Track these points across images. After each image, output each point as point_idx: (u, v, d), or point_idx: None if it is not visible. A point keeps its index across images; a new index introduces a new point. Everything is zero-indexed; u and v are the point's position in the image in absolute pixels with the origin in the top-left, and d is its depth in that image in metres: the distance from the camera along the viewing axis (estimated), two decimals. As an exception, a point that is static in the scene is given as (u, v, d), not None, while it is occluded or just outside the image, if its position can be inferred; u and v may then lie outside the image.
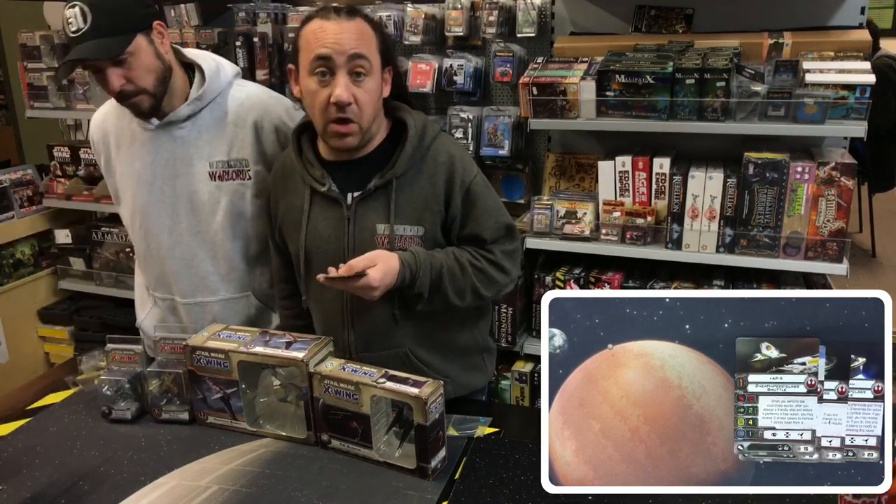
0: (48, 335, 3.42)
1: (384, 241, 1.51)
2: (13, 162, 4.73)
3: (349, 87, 1.42)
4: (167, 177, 1.73)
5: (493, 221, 1.56)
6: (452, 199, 1.53)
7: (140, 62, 1.57)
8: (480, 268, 1.54)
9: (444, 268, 1.50)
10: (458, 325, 1.64)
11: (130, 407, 1.56)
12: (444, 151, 1.54)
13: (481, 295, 1.56)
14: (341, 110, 1.42)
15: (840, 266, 2.18)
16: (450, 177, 1.52)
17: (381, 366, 1.44)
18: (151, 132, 1.71)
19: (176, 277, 1.79)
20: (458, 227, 1.55)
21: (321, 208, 1.55)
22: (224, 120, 1.73)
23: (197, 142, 1.71)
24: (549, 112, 2.35)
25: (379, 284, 1.41)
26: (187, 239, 1.76)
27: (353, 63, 1.42)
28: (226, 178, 1.73)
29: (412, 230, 1.51)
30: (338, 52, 1.40)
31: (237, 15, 2.89)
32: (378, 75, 1.47)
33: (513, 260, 1.60)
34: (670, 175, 2.29)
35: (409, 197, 1.51)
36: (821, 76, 2.10)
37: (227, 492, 1.30)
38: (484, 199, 1.55)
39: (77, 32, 1.53)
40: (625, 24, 2.55)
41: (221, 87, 1.73)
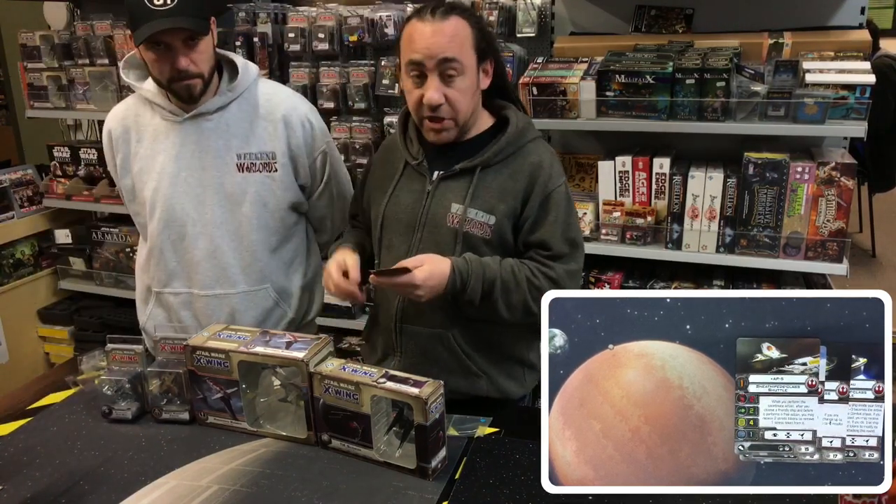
0: (48, 335, 3.42)
1: (455, 220, 1.55)
2: (13, 162, 4.72)
3: (440, 89, 1.47)
4: (194, 168, 1.76)
5: (562, 234, 1.56)
6: (530, 200, 1.55)
7: (206, 46, 1.66)
8: (537, 286, 1.53)
9: (498, 279, 1.51)
10: (506, 334, 1.64)
11: (131, 407, 1.55)
12: (537, 154, 1.58)
13: (533, 312, 1.52)
14: (433, 110, 1.49)
15: (840, 266, 2.18)
16: (533, 178, 1.55)
17: (421, 342, 1.55)
18: (178, 124, 1.75)
19: (197, 269, 1.81)
20: (527, 230, 1.56)
21: (409, 180, 1.62)
22: (253, 113, 1.78)
23: (225, 134, 1.76)
24: (549, 112, 2.35)
25: (422, 283, 1.44)
26: (212, 230, 1.78)
27: (443, 66, 1.46)
28: (253, 170, 1.77)
29: (483, 217, 1.54)
30: (428, 56, 1.46)
31: (237, 15, 2.89)
32: (473, 72, 1.51)
33: (574, 279, 1.59)
34: (670, 175, 2.29)
35: (488, 185, 1.55)
36: (821, 76, 2.10)
37: (227, 492, 1.30)
38: (560, 210, 1.56)
39: (164, 6, 1.57)
40: (625, 24, 2.55)
41: (249, 82, 1.79)
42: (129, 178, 1.83)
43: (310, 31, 2.73)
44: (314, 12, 2.75)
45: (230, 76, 1.79)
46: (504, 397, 1.67)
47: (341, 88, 2.74)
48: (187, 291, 1.84)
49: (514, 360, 1.68)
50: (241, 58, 1.82)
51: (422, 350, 1.61)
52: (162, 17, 1.57)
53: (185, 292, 1.84)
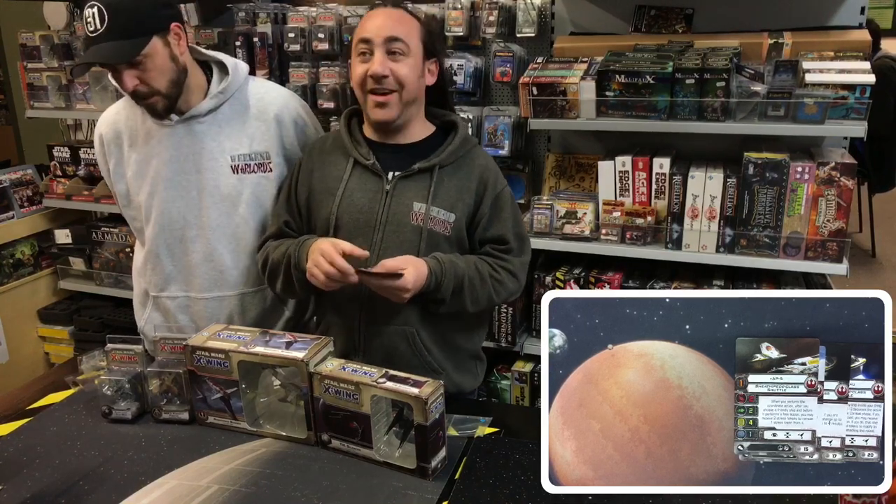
0: (48, 335, 3.42)
1: (418, 218, 1.59)
2: (13, 162, 4.72)
3: (385, 63, 1.53)
4: (188, 171, 1.75)
5: (513, 229, 1.66)
6: (484, 199, 1.63)
7: (154, 64, 1.60)
8: (498, 279, 1.62)
9: (466, 277, 1.57)
10: (462, 329, 1.71)
11: (130, 407, 1.56)
12: (482, 157, 1.69)
13: (494, 303, 1.67)
14: (378, 82, 1.53)
15: (840, 266, 2.18)
16: (484, 180, 1.64)
17: (384, 339, 1.55)
18: (170, 128, 1.74)
19: (195, 272, 1.80)
20: (483, 227, 1.64)
21: (360, 180, 1.63)
22: (245, 114, 1.77)
23: (218, 136, 1.75)
24: (549, 112, 2.35)
25: (412, 287, 1.47)
26: (208, 233, 1.77)
27: (390, 44, 1.54)
28: (248, 171, 1.76)
29: (445, 214, 1.60)
30: (376, 34, 1.54)
31: (237, 15, 2.89)
32: (418, 60, 1.58)
33: (525, 270, 1.71)
34: (670, 175, 2.29)
35: (446, 185, 1.61)
36: (821, 76, 2.10)
37: (227, 492, 1.30)
38: (508, 209, 1.67)
39: (94, 33, 1.55)
40: (625, 24, 2.55)
41: (240, 83, 1.77)
42: (123, 183, 1.82)
43: (310, 31, 2.73)
44: (314, 12, 2.75)
45: (220, 77, 1.77)
46: (458, 391, 1.71)
47: (341, 88, 2.74)
48: (185, 295, 1.83)
49: (468, 355, 1.75)
50: (230, 58, 1.79)
51: (385, 348, 1.62)
52: (94, 45, 1.56)
53: (182, 296, 1.84)
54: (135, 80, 1.60)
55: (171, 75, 1.64)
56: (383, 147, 1.64)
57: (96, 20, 1.54)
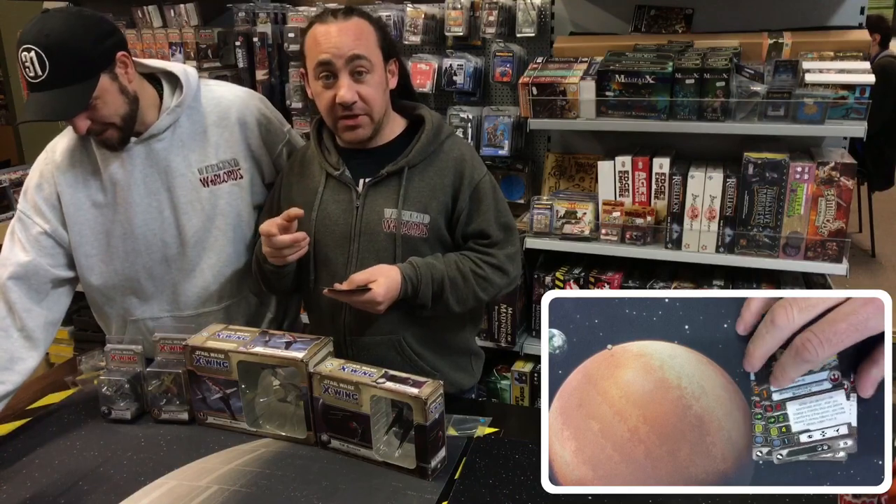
0: (48, 335, 3.41)
1: (391, 225, 1.55)
2: (13, 162, 4.73)
3: (352, 87, 1.47)
4: (157, 191, 1.65)
5: (496, 220, 1.60)
6: (461, 194, 1.58)
7: (104, 103, 1.50)
8: (483, 275, 1.57)
9: (446, 279, 1.53)
10: (451, 327, 1.68)
11: (130, 407, 1.56)
12: (457, 149, 1.61)
13: (481, 300, 1.61)
14: (347, 109, 1.48)
15: (840, 266, 2.18)
16: (459, 173, 1.58)
17: (373, 351, 1.53)
18: (127, 152, 1.62)
19: (178, 290, 1.73)
20: (463, 223, 1.59)
21: (333, 192, 1.60)
22: (204, 123, 1.68)
23: (181, 150, 1.65)
24: (548, 112, 2.35)
25: (383, 299, 1.45)
26: (188, 250, 1.70)
27: (353, 64, 1.47)
28: (218, 182, 1.69)
29: (418, 217, 1.55)
30: (337, 55, 1.46)
31: (237, 15, 2.89)
32: (381, 70, 1.52)
33: (514, 262, 1.64)
34: (670, 175, 2.29)
35: (418, 186, 1.56)
36: (820, 76, 2.10)
37: (227, 492, 1.30)
38: (489, 199, 1.60)
39: (35, 79, 1.43)
40: (625, 24, 2.55)
41: (194, 91, 1.67)
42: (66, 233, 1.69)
43: (309, 31, 2.73)
44: (314, 12, 2.74)
45: (171, 89, 1.65)
46: (457, 390, 1.70)
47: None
48: (169, 315, 1.75)
49: (460, 352, 1.72)
50: (177, 65, 1.67)
51: (374, 358, 1.57)
52: (37, 93, 1.44)
53: (166, 316, 1.75)
54: (87, 121, 1.50)
55: (123, 109, 1.54)
56: (356, 154, 1.59)
57: (36, 66, 1.43)
